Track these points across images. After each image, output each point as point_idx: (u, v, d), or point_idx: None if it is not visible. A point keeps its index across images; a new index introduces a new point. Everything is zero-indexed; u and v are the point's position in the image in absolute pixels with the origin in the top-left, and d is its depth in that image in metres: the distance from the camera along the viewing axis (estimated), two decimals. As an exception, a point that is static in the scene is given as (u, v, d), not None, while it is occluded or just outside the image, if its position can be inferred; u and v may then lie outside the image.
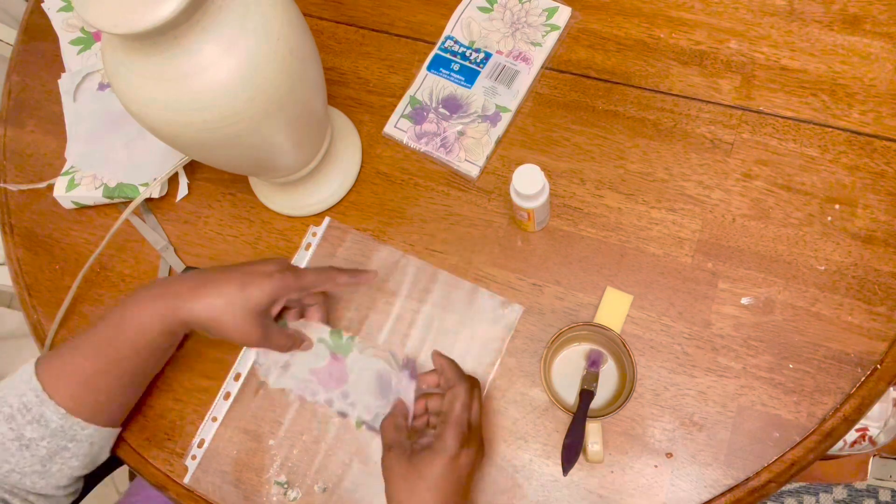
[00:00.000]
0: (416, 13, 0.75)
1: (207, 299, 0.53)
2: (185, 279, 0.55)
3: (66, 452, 0.54)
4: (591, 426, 0.57)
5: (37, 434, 0.52)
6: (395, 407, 0.57)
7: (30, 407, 0.52)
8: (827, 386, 0.58)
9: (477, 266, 0.65)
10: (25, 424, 0.52)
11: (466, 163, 0.68)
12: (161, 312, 0.53)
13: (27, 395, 0.53)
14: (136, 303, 0.54)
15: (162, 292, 0.54)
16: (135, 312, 0.53)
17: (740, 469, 0.57)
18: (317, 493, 0.60)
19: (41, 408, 0.52)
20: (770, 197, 0.64)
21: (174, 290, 0.53)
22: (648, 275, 0.63)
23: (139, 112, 0.48)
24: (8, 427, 0.52)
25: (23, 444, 0.52)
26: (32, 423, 0.52)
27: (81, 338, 0.55)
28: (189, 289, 0.53)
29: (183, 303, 0.53)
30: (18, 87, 0.80)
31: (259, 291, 0.53)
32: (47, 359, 0.55)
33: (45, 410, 0.52)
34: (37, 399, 0.52)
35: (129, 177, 0.70)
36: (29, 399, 0.52)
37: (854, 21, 0.68)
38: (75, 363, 0.54)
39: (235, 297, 0.52)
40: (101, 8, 0.42)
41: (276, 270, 0.55)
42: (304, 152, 0.61)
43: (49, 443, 0.53)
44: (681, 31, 0.71)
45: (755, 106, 0.67)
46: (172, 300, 0.53)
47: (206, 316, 0.53)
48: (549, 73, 0.71)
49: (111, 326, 0.54)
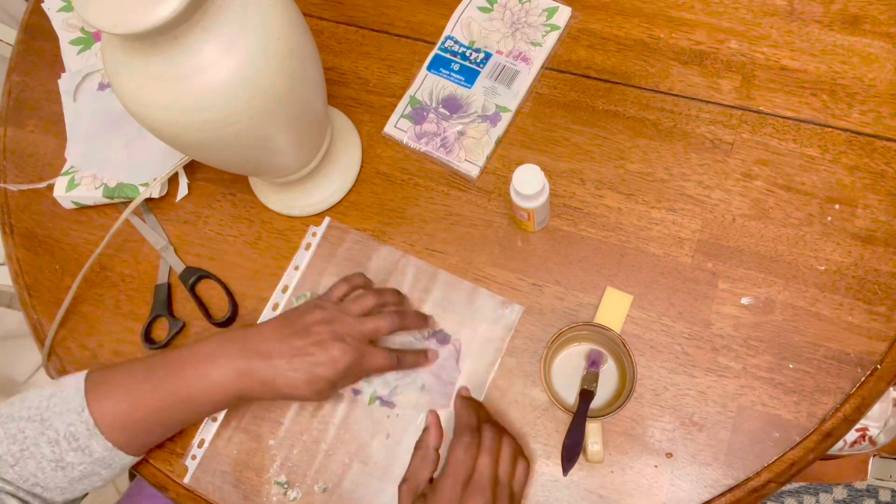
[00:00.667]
0: (416, 13, 0.75)
1: (275, 388, 0.54)
2: (251, 349, 0.54)
3: (96, 477, 0.54)
4: (591, 426, 0.57)
5: (77, 460, 0.52)
6: (410, 472, 0.55)
7: (77, 437, 0.52)
8: (827, 386, 0.58)
9: (477, 266, 0.65)
10: (69, 451, 0.52)
11: (466, 163, 0.68)
12: (233, 380, 0.53)
13: (77, 426, 0.52)
14: (206, 361, 0.54)
15: (232, 356, 0.54)
16: (204, 372, 0.53)
17: (740, 469, 0.57)
18: (317, 493, 0.60)
19: (89, 440, 0.52)
20: (770, 197, 0.64)
21: (245, 361, 0.53)
22: (648, 275, 0.63)
23: (139, 112, 0.48)
24: (50, 449, 0.52)
25: (59, 466, 0.52)
26: (76, 451, 0.52)
27: (140, 379, 0.54)
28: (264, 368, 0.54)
29: (256, 383, 0.53)
30: (18, 87, 0.80)
31: (325, 385, 0.54)
32: (100, 394, 0.53)
33: (92, 443, 0.52)
34: (87, 432, 0.52)
35: (129, 177, 0.70)
36: (78, 430, 0.52)
37: (854, 21, 0.68)
38: (132, 411, 0.53)
39: (303, 388, 0.54)
40: (101, 8, 0.42)
41: (342, 360, 0.54)
42: (304, 152, 0.61)
43: (86, 468, 0.53)
44: (681, 31, 0.71)
45: (755, 106, 0.67)
46: (245, 367, 0.53)
47: (270, 398, 0.55)
48: (549, 73, 0.71)
49: (175, 380, 0.53)
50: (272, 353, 0.54)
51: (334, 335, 0.54)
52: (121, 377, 0.54)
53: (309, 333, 0.54)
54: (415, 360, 0.60)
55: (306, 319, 0.56)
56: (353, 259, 0.67)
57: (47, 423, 0.52)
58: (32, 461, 0.51)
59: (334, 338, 0.54)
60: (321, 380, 0.54)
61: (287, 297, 0.66)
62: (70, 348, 0.68)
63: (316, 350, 0.54)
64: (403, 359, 0.59)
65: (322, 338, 0.54)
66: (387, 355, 0.58)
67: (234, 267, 0.68)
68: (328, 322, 0.55)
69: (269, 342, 0.54)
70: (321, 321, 0.55)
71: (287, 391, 0.54)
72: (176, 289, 0.69)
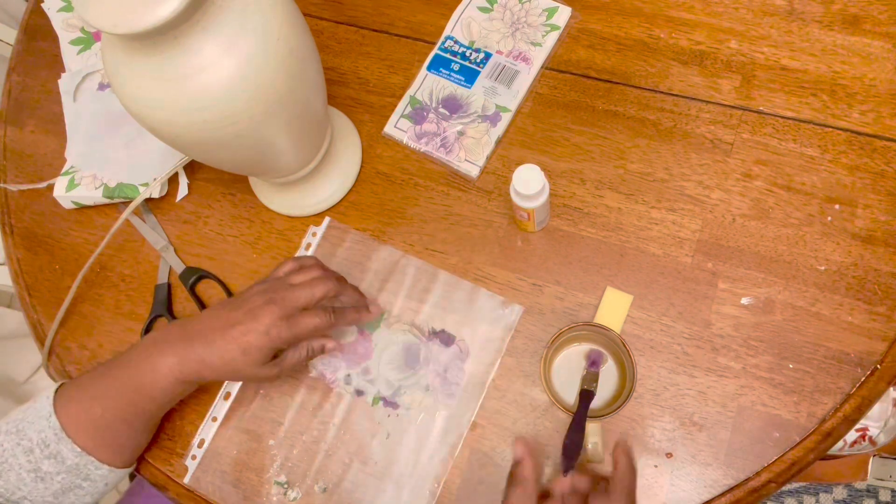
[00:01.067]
0: (416, 13, 0.75)
1: (214, 366, 0.53)
2: (191, 331, 0.54)
3: (80, 490, 0.54)
4: (591, 426, 0.57)
5: (53, 469, 0.52)
6: (519, 481, 0.52)
7: (48, 443, 0.52)
8: (827, 386, 0.58)
9: (477, 266, 0.65)
10: (43, 459, 0.52)
11: (466, 163, 0.68)
12: (175, 364, 0.53)
13: (46, 432, 0.53)
14: (152, 350, 0.54)
15: (173, 341, 0.54)
16: (150, 361, 0.54)
17: (740, 469, 0.57)
18: (317, 493, 0.60)
19: (58, 445, 0.52)
20: (770, 197, 0.64)
21: (185, 344, 0.53)
22: (648, 275, 0.63)
23: (139, 112, 0.48)
24: (26, 459, 0.52)
25: (38, 477, 0.52)
26: (49, 459, 0.52)
27: (99, 378, 0.55)
28: (200, 345, 0.53)
29: (195, 363, 0.53)
30: (18, 87, 0.80)
31: (259, 354, 0.53)
32: (65, 397, 0.55)
33: (62, 448, 0.53)
34: (55, 437, 0.52)
35: (129, 177, 0.70)
36: (47, 436, 0.53)
37: (854, 21, 0.68)
38: (92, 409, 0.54)
39: (239, 360, 0.53)
40: (101, 8, 0.42)
41: (272, 324, 0.53)
42: (304, 152, 0.61)
43: (64, 478, 0.53)
44: (681, 31, 0.71)
45: (755, 106, 0.67)
46: (184, 351, 0.53)
47: (215, 378, 0.54)
48: (549, 73, 0.71)
49: (127, 372, 0.54)
50: (208, 331, 0.53)
51: (266, 304, 0.53)
52: (85, 379, 0.55)
53: (243, 305, 0.54)
54: (356, 315, 0.59)
55: (244, 295, 0.56)
56: (353, 259, 0.67)
57: (22, 433, 0.53)
58: (13, 473, 0.52)
59: (266, 306, 0.53)
60: (254, 348, 0.52)
61: (287, 297, 0.66)
62: (70, 348, 0.68)
63: (247, 318, 0.53)
64: (342, 315, 0.57)
65: (254, 306, 0.53)
66: (319, 313, 0.55)
67: (234, 267, 0.68)
68: (263, 293, 0.55)
69: (206, 322, 0.54)
70: (256, 293, 0.55)
71: (224, 367, 0.53)
72: (176, 289, 0.69)
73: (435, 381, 0.62)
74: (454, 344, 0.63)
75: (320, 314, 0.55)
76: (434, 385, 0.62)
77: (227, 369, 0.53)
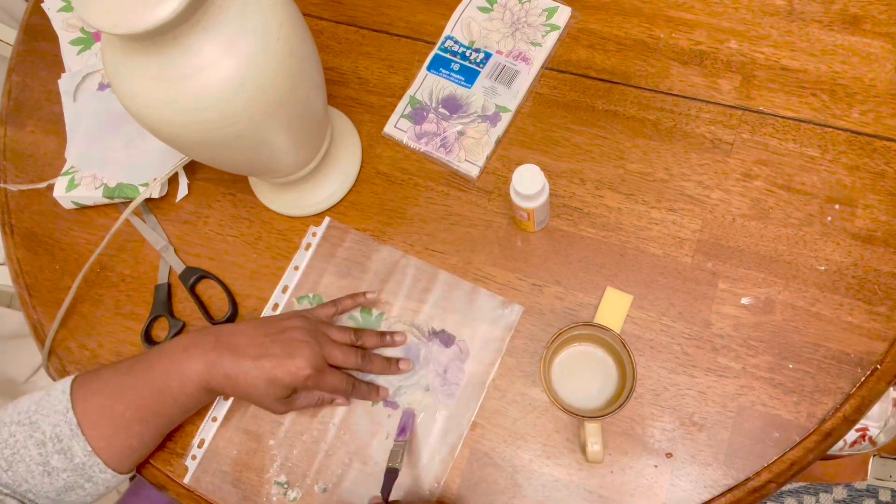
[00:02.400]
0: (416, 13, 0.75)
1: (236, 384, 0.54)
2: (225, 344, 0.55)
3: (82, 490, 0.54)
4: (591, 426, 0.57)
5: (61, 465, 0.53)
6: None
7: (61, 438, 0.52)
8: (827, 386, 0.58)
9: (477, 266, 0.65)
10: (53, 453, 0.52)
11: (466, 163, 0.68)
12: (203, 371, 0.54)
13: (61, 427, 0.53)
14: (182, 355, 0.54)
15: (205, 349, 0.55)
16: (179, 365, 0.54)
17: (740, 469, 0.57)
18: (317, 493, 0.60)
19: (71, 441, 0.53)
20: (770, 197, 0.64)
21: (216, 355, 0.54)
22: (648, 275, 0.63)
23: (139, 112, 0.48)
24: (38, 452, 0.52)
25: (46, 471, 0.52)
26: (60, 454, 0.52)
27: (122, 375, 0.55)
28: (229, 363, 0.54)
29: (222, 377, 0.54)
30: (18, 87, 0.80)
31: (282, 390, 0.55)
32: (85, 390, 0.54)
33: (73, 444, 0.53)
34: (70, 433, 0.53)
35: (129, 177, 0.70)
36: (62, 430, 0.53)
37: (854, 21, 0.68)
38: (115, 405, 0.54)
39: (261, 388, 0.54)
40: (101, 8, 0.42)
41: (303, 368, 0.55)
42: (304, 152, 0.61)
43: (69, 476, 0.53)
44: (681, 31, 0.71)
45: (755, 106, 0.67)
46: (214, 361, 0.54)
47: (232, 394, 0.56)
48: (548, 73, 0.71)
49: (152, 373, 0.54)
50: (241, 350, 0.54)
51: (305, 346, 0.55)
52: (105, 375, 0.55)
53: (282, 339, 0.55)
54: (367, 391, 0.61)
55: (284, 324, 0.57)
56: (353, 259, 0.67)
57: (35, 425, 0.53)
58: (23, 465, 0.52)
59: (304, 349, 0.55)
60: (280, 384, 0.54)
61: (287, 298, 0.66)
62: (70, 348, 0.68)
63: (282, 354, 0.55)
64: (358, 387, 0.60)
65: (293, 347, 0.55)
66: (344, 378, 0.59)
67: (234, 267, 0.68)
68: (304, 332, 0.57)
69: (241, 339, 0.55)
70: (298, 329, 0.57)
71: (247, 389, 0.54)
72: (176, 289, 0.69)
73: (435, 381, 0.62)
74: (454, 344, 0.63)
75: (344, 380, 0.59)
76: (434, 385, 0.62)
77: (247, 392, 0.55)
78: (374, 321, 0.64)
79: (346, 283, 0.66)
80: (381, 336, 0.62)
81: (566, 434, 0.60)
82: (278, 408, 0.57)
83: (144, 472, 0.62)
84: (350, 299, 0.63)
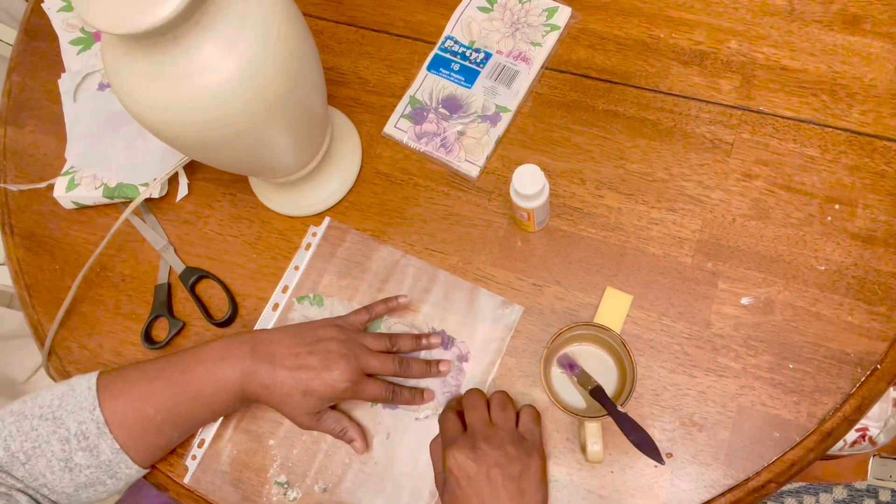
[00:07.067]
0: (416, 13, 0.75)
1: (271, 394, 0.54)
2: (261, 353, 0.55)
3: (102, 486, 0.54)
4: (591, 426, 0.57)
5: (84, 462, 0.52)
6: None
7: (87, 435, 0.52)
8: (827, 386, 0.58)
9: (477, 266, 0.65)
10: (78, 450, 0.52)
11: (466, 163, 0.68)
12: (238, 378, 0.54)
13: (87, 424, 0.52)
14: (218, 363, 0.54)
15: (241, 357, 0.54)
16: (214, 372, 0.54)
17: (740, 469, 0.57)
18: (317, 493, 0.60)
19: (98, 439, 0.52)
20: (770, 197, 0.64)
21: (252, 363, 0.54)
22: (648, 275, 0.63)
23: (139, 112, 0.48)
24: (60, 448, 0.52)
25: (68, 467, 0.52)
26: (85, 451, 0.52)
27: (153, 379, 0.54)
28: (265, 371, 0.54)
29: (257, 386, 0.54)
30: (18, 87, 0.80)
31: (317, 402, 0.55)
32: (113, 391, 0.54)
33: (101, 442, 0.52)
34: (97, 431, 0.52)
35: (129, 177, 0.70)
36: (89, 428, 0.52)
37: (854, 21, 0.68)
38: (145, 409, 0.54)
39: (295, 399, 0.54)
40: (101, 8, 0.42)
41: (341, 380, 0.55)
42: (303, 152, 0.61)
43: (92, 472, 0.53)
44: (681, 31, 0.71)
45: (755, 106, 0.67)
46: (250, 369, 0.54)
47: (265, 402, 0.56)
48: (548, 73, 0.71)
49: (186, 378, 0.54)
50: (278, 359, 0.54)
51: (341, 358, 0.55)
52: (133, 376, 0.55)
53: (318, 350, 0.55)
54: (410, 396, 0.60)
55: (319, 334, 0.57)
56: (354, 259, 0.67)
57: (59, 421, 0.52)
58: (42, 459, 0.52)
59: (340, 361, 0.55)
60: (315, 396, 0.54)
61: (287, 298, 0.66)
62: (70, 348, 0.68)
63: (319, 366, 0.54)
64: (399, 392, 0.59)
65: (329, 358, 0.55)
66: (383, 387, 0.58)
67: (234, 267, 0.68)
68: (340, 343, 0.56)
69: (278, 348, 0.55)
70: (333, 340, 0.56)
71: (282, 398, 0.54)
72: (176, 289, 0.69)
73: (435, 384, 0.62)
74: (454, 344, 0.63)
75: (384, 388, 0.58)
76: (434, 385, 0.62)
77: (281, 401, 0.55)
78: (373, 322, 0.64)
79: (346, 283, 0.66)
80: (417, 339, 0.61)
81: (566, 434, 0.60)
82: (306, 421, 0.56)
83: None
84: (382, 304, 0.62)
